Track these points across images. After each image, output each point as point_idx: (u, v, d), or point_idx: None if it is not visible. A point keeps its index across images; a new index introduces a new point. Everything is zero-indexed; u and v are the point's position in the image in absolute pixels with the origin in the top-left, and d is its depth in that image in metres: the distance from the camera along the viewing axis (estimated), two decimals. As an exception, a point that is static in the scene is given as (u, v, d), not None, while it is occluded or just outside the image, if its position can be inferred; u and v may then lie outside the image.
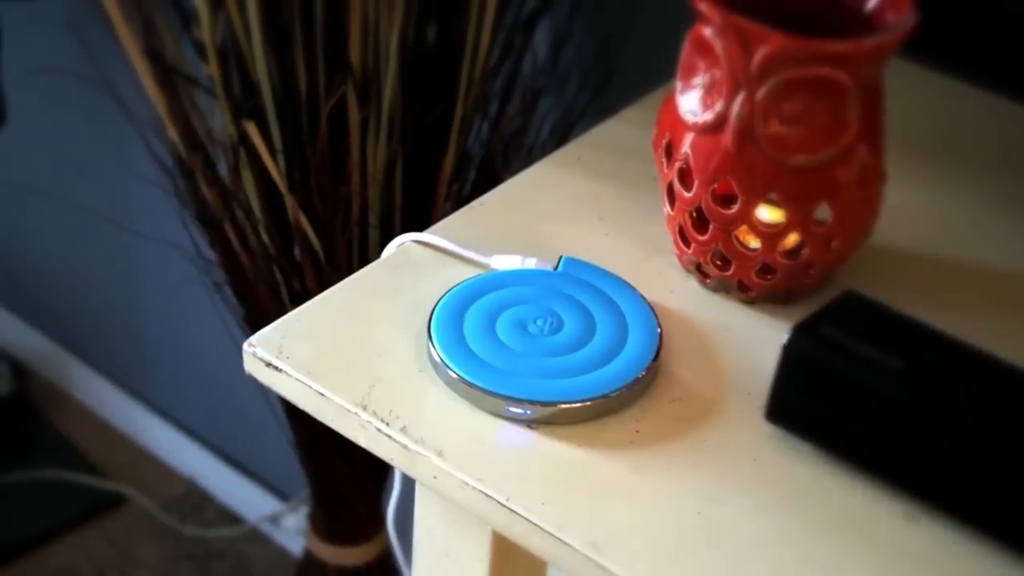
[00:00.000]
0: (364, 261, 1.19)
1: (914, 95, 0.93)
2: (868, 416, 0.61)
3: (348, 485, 1.47)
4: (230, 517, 2.00)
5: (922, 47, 0.79)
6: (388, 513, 0.85)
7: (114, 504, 2.00)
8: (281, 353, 0.68)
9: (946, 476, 0.60)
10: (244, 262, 1.26)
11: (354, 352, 0.68)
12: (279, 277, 1.25)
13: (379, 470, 1.45)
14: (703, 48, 0.69)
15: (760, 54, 0.65)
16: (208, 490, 2.03)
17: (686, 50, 0.71)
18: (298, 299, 1.23)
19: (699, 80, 0.70)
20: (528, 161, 1.13)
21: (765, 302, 0.73)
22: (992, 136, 0.92)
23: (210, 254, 1.32)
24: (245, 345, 0.69)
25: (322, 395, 0.66)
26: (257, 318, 1.31)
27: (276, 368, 0.68)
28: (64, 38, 1.60)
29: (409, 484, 0.73)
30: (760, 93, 0.66)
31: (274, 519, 1.95)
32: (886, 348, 0.61)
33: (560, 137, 1.22)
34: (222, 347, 1.70)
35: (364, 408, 0.65)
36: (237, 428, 1.95)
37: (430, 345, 0.67)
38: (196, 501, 2.02)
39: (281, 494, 1.94)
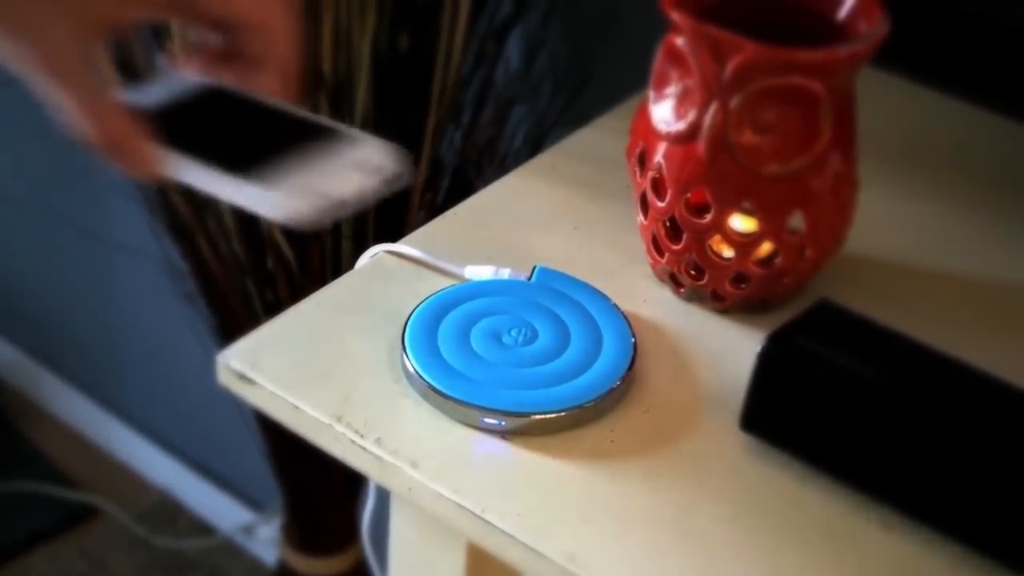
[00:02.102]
0: (337, 271, 1.19)
1: (886, 103, 0.93)
2: (843, 425, 0.61)
3: (322, 496, 1.47)
4: (203, 528, 1.99)
5: (893, 55, 0.79)
6: (363, 524, 0.84)
7: (87, 516, 1.99)
8: (255, 365, 0.68)
9: (922, 485, 0.60)
10: (216, 272, 1.25)
11: (328, 364, 0.68)
12: (252, 288, 1.25)
13: (353, 480, 1.45)
14: (676, 57, 0.69)
15: (733, 63, 0.66)
16: (181, 501, 2.02)
17: (659, 59, 0.71)
18: (271, 310, 1.23)
19: (672, 89, 0.70)
20: (502, 170, 1.12)
21: (739, 311, 0.74)
22: (964, 143, 0.92)
23: (182, 264, 1.32)
24: (219, 357, 0.68)
25: (296, 407, 0.66)
26: (229, 328, 1.31)
27: (250, 380, 0.67)
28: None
29: (384, 495, 0.72)
30: (733, 102, 0.67)
31: (248, 530, 1.94)
32: (860, 357, 0.61)
33: (534, 146, 1.22)
34: (194, 357, 1.69)
35: (338, 420, 0.65)
36: (210, 439, 1.95)
37: (404, 356, 0.67)
38: (169, 512, 2.01)
39: (255, 505, 1.93)
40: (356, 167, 0.62)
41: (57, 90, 0.59)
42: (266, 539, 1.91)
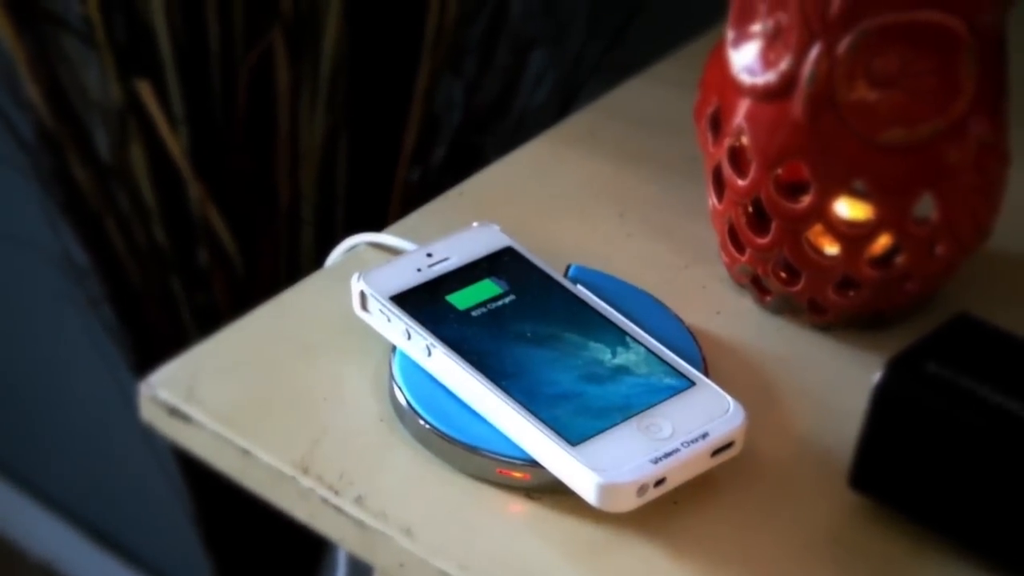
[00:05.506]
0: (294, 268, 1.20)
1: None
2: (989, 483, 0.61)
3: (267, 573, 1.47)
4: (103, 617, 2.00)
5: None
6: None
7: (-55, 599, 2.00)
8: (191, 396, 0.68)
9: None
10: (131, 270, 1.26)
11: (291, 395, 0.69)
12: (178, 290, 1.25)
13: (311, 552, 1.45)
14: (764, -16, 0.69)
15: (843, -7, 0.66)
16: (73, 579, 2.03)
17: (741, -13, 0.71)
18: (205, 320, 1.23)
19: (759, 28, 0.70)
20: (520, 136, 1.13)
21: (846, 327, 0.74)
22: None
23: (84, 259, 1.32)
24: (142, 385, 0.69)
25: (247, 453, 0.66)
26: (147, 346, 1.31)
27: (184, 416, 0.68)
28: None
29: (362, 573, 0.73)
30: (842, 45, 0.67)
31: (163, 619, 1.95)
32: (1013, 391, 0.62)
33: (563, 103, 1.22)
34: (97, 386, 1.70)
35: (305, 471, 0.65)
36: (113, 496, 1.95)
37: (394, 385, 0.68)
38: (56, 595, 2.02)
39: (172, 585, 1.94)
40: (682, 428, 0.64)
41: None
42: (188, 632, 1.92)
